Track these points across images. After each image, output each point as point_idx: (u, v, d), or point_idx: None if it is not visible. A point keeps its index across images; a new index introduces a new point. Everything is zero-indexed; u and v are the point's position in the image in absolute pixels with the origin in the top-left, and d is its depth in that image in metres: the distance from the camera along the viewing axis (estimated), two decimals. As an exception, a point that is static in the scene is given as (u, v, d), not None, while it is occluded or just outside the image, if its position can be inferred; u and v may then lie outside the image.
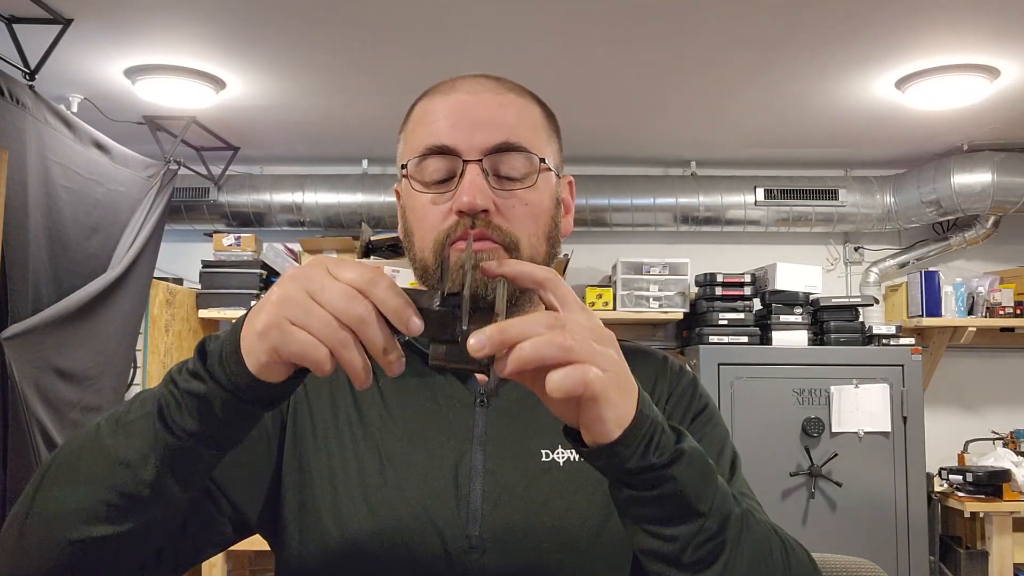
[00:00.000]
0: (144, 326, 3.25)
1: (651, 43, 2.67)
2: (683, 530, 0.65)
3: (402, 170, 0.87)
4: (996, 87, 2.95)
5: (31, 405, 2.32)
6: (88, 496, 0.66)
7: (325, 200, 3.76)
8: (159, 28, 2.56)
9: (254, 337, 0.60)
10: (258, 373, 0.60)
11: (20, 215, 2.26)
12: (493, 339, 0.57)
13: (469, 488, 0.82)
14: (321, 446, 0.86)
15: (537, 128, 0.87)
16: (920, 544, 3.25)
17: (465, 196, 0.80)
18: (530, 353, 0.57)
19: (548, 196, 0.87)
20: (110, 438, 0.66)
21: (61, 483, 0.68)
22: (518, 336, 0.57)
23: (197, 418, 0.63)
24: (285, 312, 0.58)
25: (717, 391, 3.29)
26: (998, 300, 3.68)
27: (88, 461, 0.67)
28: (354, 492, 0.83)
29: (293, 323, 0.58)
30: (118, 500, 0.65)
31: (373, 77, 2.95)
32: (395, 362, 0.60)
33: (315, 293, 0.59)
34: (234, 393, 0.62)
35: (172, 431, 0.63)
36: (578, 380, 0.58)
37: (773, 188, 3.78)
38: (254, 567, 3.60)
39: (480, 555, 0.80)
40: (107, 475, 0.65)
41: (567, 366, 0.58)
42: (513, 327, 0.58)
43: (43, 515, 0.67)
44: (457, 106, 0.84)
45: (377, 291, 0.59)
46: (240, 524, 0.83)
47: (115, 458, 0.65)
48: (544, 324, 0.58)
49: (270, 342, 0.59)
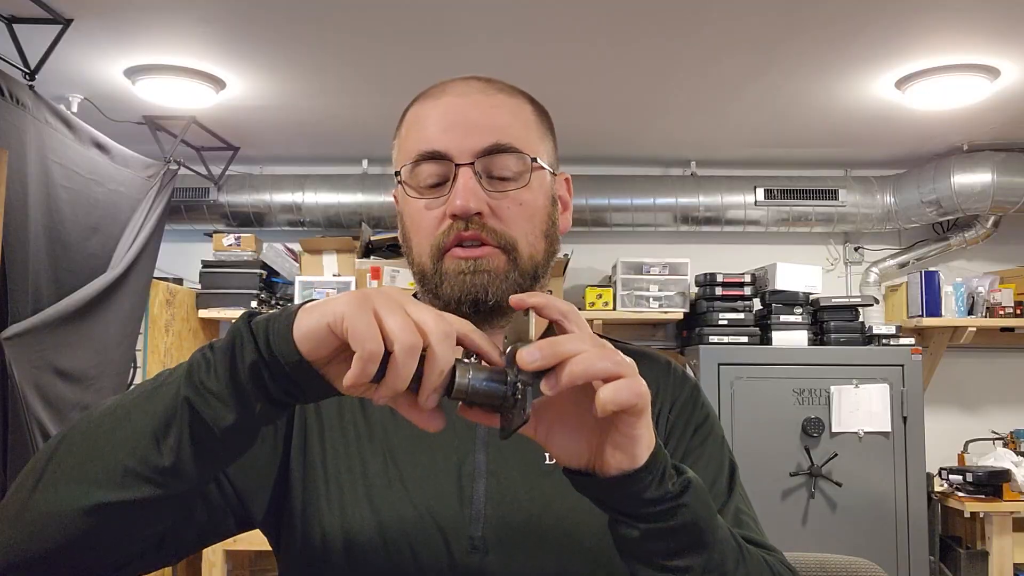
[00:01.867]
0: (144, 326, 3.25)
1: (651, 43, 2.67)
2: (693, 561, 0.66)
3: (396, 177, 0.87)
4: (996, 87, 2.95)
5: (31, 405, 2.32)
6: (108, 461, 0.64)
7: (325, 200, 3.76)
8: (159, 28, 2.56)
9: (330, 303, 0.60)
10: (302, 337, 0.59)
11: (20, 215, 2.26)
12: (545, 353, 0.58)
13: (472, 489, 0.82)
14: (327, 446, 0.86)
15: (529, 127, 0.87)
16: (920, 544, 3.25)
17: (458, 200, 0.80)
18: (584, 368, 0.59)
19: (543, 195, 0.87)
20: (136, 405, 0.65)
21: (80, 450, 0.66)
22: (570, 352, 0.59)
23: (223, 376, 0.61)
24: (371, 301, 0.59)
25: (717, 391, 3.29)
26: (998, 300, 3.68)
27: (111, 429, 0.65)
28: (358, 492, 0.83)
29: (374, 312, 0.58)
30: (136, 466, 0.63)
31: (373, 77, 2.95)
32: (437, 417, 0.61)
33: (405, 302, 0.60)
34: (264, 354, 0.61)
35: (195, 389, 0.62)
36: (633, 392, 0.59)
37: (773, 188, 3.78)
38: (254, 567, 3.60)
39: (483, 556, 0.80)
40: (130, 439, 0.64)
41: (619, 379, 0.59)
42: (564, 342, 0.59)
43: (57, 483, 0.65)
44: (447, 110, 0.84)
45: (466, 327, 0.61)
46: (243, 518, 0.83)
47: (140, 423, 0.64)
48: (589, 341, 0.60)
49: (343, 309, 0.58)
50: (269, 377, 0.61)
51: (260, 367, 0.61)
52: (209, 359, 0.62)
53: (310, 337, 0.60)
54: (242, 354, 0.61)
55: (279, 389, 0.62)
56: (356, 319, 0.58)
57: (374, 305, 0.58)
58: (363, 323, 0.57)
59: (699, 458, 0.88)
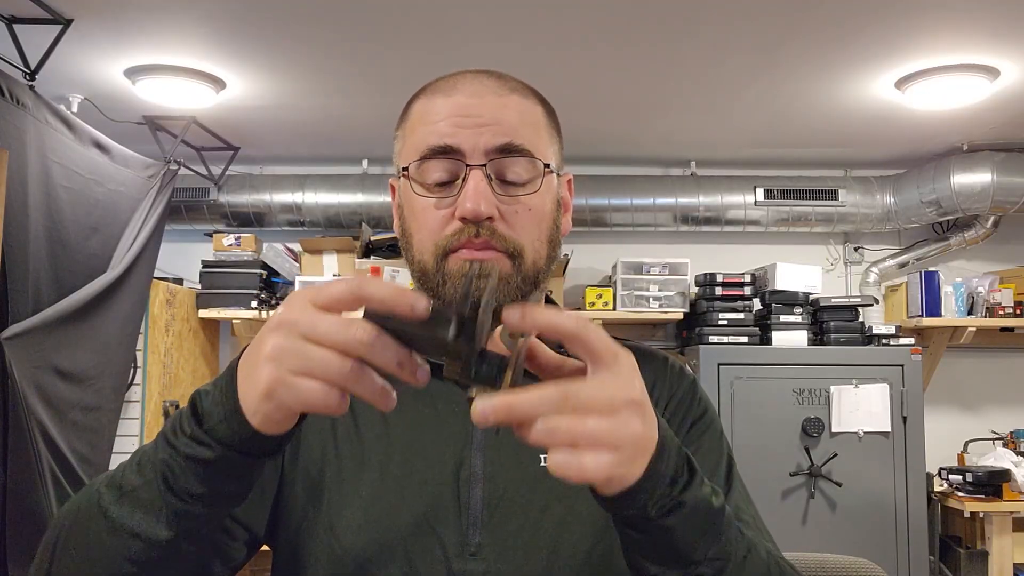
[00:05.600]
0: (144, 326, 3.25)
1: (651, 43, 2.67)
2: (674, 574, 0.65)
3: (403, 172, 0.84)
4: (996, 87, 2.95)
5: (31, 405, 2.32)
6: (104, 568, 0.66)
7: (325, 200, 3.76)
8: (159, 28, 2.56)
9: (258, 399, 0.58)
10: (266, 429, 0.59)
11: (20, 215, 2.26)
12: (499, 412, 0.55)
13: (469, 494, 0.82)
14: (322, 455, 0.85)
15: (540, 129, 0.85)
16: (920, 544, 3.25)
17: (469, 203, 0.78)
18: (536, 437, 0.56)
19: (551, 200, 0.85)
20: (116, 509, 0.65)
21: (74, 558, 0.67)
22: (526, 415, 0.56)
23: (203, 481, 0.62)
24: (284, 365, 0.56)
25: (717, 391, 3.29)
26: (998, 300, 3.68)
27: (97, 535, 0.66)
28: (354, 500, 0.82)
29: (295, 373, 0.56)
30: (133, 568, 0.65)
31: (373, 77, 2.95)
32: (418, 371, 0.58)
33: (307, 333, 0.56)
34: (238, 451, 0.61)
35: (179, 497, 0.62)
36: (573, 470, 0.56)
37: (773, 188, 3.78)
38: (254, 567, 3.60)
39: (480, 562, 0.80)
40: (120, 547, 0.65)
41: (567, 450, 0.56)
42: (522, 404, 0.55)
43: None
44: (459, 106, 0.82)
45: (368, 289, 0.56)
46: (253, 543, 0.83)
47: (125, 530, 0.64)
48: (555, 403, 0.56)
49: (277, 400, 0.57)
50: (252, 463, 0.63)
51: (239, 460, 0.62)
52: (180, 466, 0.62)
53: (275, 427, 0.59)
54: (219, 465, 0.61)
55: (265, 460, 0.64)
56: (298, 397, 0.56)
57: (291, 368, 0.56)
58: (306, 394, 0.56)
59: (696, 452, 0.87)
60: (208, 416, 0.61)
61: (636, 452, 0.59)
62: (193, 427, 0.61)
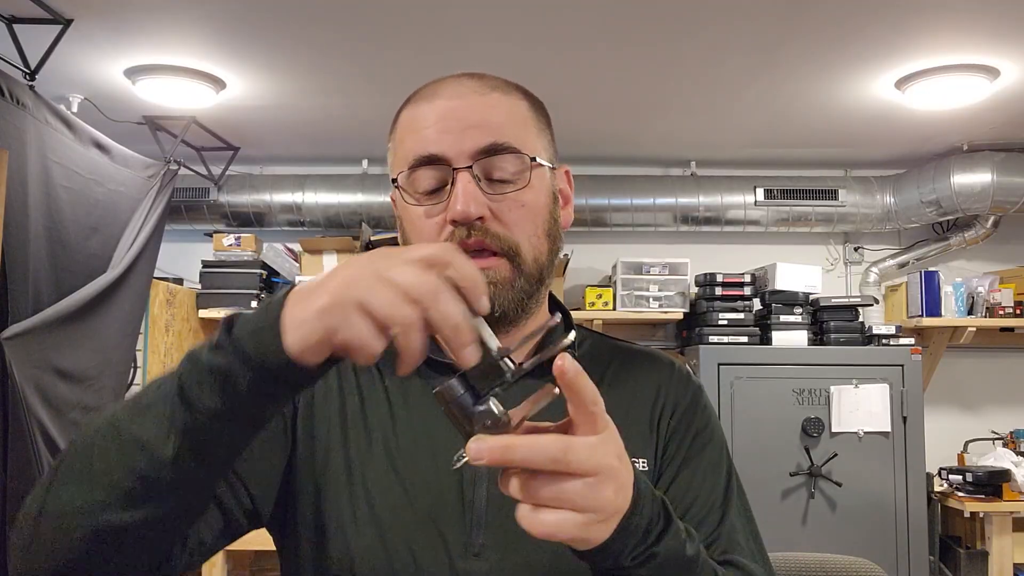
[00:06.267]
0: (144, 326, 3.25)
1: (651, 43, 2.67)
2: None
3: (393, 183, 0.86)
4: (996, 87, 2.95)
5: (31, 405, 2.32)
6: (105, 482, 0.63)
7: (325, 200, 3.76)
8: (159, 28, 2.56)
9: (312, 314, 0.57)
10: (298, 353, 0.58)
11: (20, 215, 2.26)
12: (494, 455, 0.57)
13: (473, 494, 0.82)
14: (329, 449, 0.85)
15: (526, 124, 0.86)
16: (920, 544, 3.25)
17: (459, 205, 0.79)
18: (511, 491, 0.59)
19: (544, 193, 0.86)
20: (127, 421, 0.64)
21: (76, 473, 0.65)
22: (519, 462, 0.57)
23: (220, 395, 0.60)
24: (352, 292, 0.56)
25: (717, 391, 3.29)
26: (998, 300, 3.68)
27: (103, 446, 0.64)
28: (360, 496, 0.82)
29: (359, 307, 0.56)
30: (136, 484, 0.62)
31: (373, 77, 2.95)
32: (467, 334, 0.57)
33: (384, 270, 0.57)
34: (261, 372, 0.59)
35: (193, 408, 0.60)
36: (536, 527, 0.58)
37: (773, 188, 3.78)
38: (254, 567, 3.60)
39: (483, 562, 0.80)
40: (124, 458, 0.62)
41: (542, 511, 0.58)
42: (518, 451, 0.57)
43: (58, 508, 0.64)
44: (442, 112, 0.83)
45: (457, 258, 0.58)
46: (254, 518, 0.83)
47: (132, 440, 0.62)
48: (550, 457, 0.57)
49: (329, 323, 0.56)
50: (270, 390, 0.61)
51: (261, 384, 0.60)
52: (200, 378, 0.61)
53: (308, 355, 0.58)
54: (237, 380, 0.60)
55: (282, 394, 0.62)
56: (347, 329, 0.56)
57: (355, 299, 0.56)
58: (355, 330, 0.56)
59: (698, 466, 0.87)
60: (241, 329, 0.60)
61: (607, 516, 0.61)
62: (223, 337, 0.61)
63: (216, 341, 0.61)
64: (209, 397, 0.60)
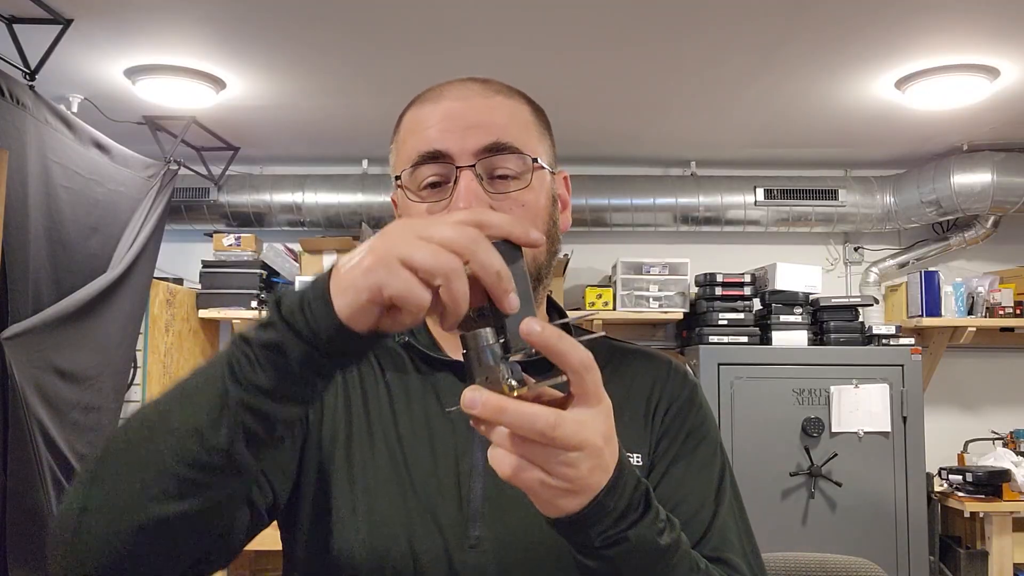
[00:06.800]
0: (144, 326, 3.25)
1: (651, 43, 2.67)
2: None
3: (396, 181, 0.87)
4: (996, 87, 2.95)
5: (31, 405, 2.32)
6: (154, 472, 0.62)
7: (325, 200, 3.76)
8: (159, 28, 2.56)
9: (358, 275, 0.59)
10: (348, 317, 0.59)
11: (20, 215, 2.27)
12: (486, 409, 0.58)
13: (470, 487, 0.83)
14: (334, 440, 0.87)
15: (528, 127, 0.87)
16: (920, 544, 3.25)
17: (460, 202, 0.80)
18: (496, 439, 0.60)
19: (544, 195, 0.87)
20: (175, 408, 0.63)
21: (122, 466, 0.64)
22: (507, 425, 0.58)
23: (273, 372, 0.61)
24: (395, 250, 0.58)
25: (717, 391, 3.29)
26: (998, 300, 3.68)
27: (150, 436, 0.63)
28: (360, 488, 0.84)
29: (402, 262, 0.58)
30: (189, 472, 0.62)
31: (373, 77, 2.95)
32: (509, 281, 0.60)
33: (423, 229, 0.59)
34: (313, 342, 0.60)
35: (244, 388, 0.61)
36: (507, 471, 0.60)
37: (773, 188, 3.78)
38: (254, 567, 3.60)
39: (479, 554, 0.81)
40: (174, 445, 0.62)
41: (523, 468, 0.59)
42: (508, 414, 0.58)
43: (104, 502, 0.63)
44: (447, 112, 0.84)
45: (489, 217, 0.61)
46: (273, 512, 0.83)
47: (182, 425, 0.62)
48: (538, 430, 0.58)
49: (375, 280, 0.58)
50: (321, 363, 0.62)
51: (312, 356, 0.61)
52: (251, 356, 0.61)
53: (358, 317, 0.59)
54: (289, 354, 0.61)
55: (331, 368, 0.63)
56: (393, 282, 0.58)
57: (398, 255, 0.58)
58: (401, 282, 0.58)
59: (691, 463, 0.88)
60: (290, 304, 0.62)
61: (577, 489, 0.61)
62: (273, 314, 0.62)
63: (266, 320, 0.62)
64: (261, 375, 0.61)
